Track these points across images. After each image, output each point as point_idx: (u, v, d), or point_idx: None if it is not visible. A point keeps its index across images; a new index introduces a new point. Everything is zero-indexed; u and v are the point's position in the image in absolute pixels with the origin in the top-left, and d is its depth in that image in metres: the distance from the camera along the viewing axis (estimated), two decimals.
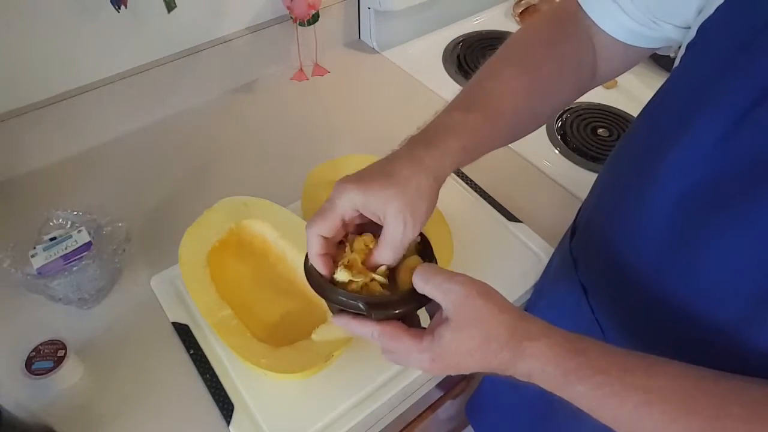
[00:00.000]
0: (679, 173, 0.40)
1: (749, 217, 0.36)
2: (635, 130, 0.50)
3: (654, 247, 0.44)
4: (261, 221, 0.67)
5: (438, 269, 0.41)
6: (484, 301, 0.38)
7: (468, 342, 0.38)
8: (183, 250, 0.63)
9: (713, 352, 0.40)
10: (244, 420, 0.56)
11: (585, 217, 0.57)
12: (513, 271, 0.70)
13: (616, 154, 0.53)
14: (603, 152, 0.89)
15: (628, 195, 0.47)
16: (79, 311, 0.65)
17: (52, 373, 0.56)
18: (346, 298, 0.43)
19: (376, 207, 0.42)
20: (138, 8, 0.77)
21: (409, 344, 0.41)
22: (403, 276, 0.45)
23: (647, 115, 0.48)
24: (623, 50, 0.51)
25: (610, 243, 0.49)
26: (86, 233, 0.64)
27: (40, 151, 0.81)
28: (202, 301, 0.60)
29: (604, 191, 0.53)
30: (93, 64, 0.80)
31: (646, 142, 0.46)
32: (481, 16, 1.19)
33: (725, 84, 0.37)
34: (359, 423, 0.57)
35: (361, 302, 0.43)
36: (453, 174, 0.82)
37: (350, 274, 0.44)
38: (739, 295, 0.38)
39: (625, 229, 0.47)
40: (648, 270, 0.45)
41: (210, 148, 0.87)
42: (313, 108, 0.95)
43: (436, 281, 0.40)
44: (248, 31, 0.93)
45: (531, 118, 0.52)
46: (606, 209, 0.52)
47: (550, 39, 0.52)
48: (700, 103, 0.38)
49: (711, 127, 0.37)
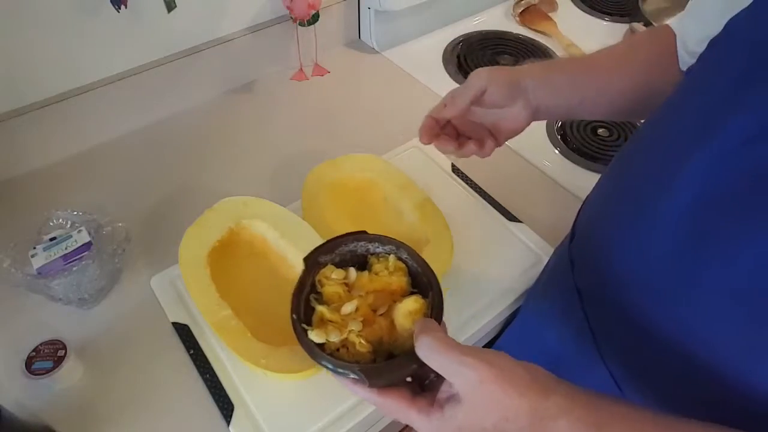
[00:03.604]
0: (699, 179, 0.38)
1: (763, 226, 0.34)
2: (647, 133, 0.49)
3: (657, 257, 0.42)
4: (261, 221, 0.67)
5: (446, 342, 0.37)
6: (500, 386, 0.35)
7: (484, 421, 0.36)
8: (183, 250, 0.63)
9: (714, 373, 0.39)
10: (244, 420, 0.56)
11: (585, 221, 0.57)
12: (513, 271, 0.70)
13: (622, 159, 0.52)
14: (603, 152, 0.89)
15: (634, 202, 0.45)
16: (79, 311, 0.65)
17: (52, 373, 0.56)
18: (335, 366, 0.40)
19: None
20: (138, 8, 0.77)
21: (416, 418, 0.38)
22: (401, 320, 0.42)
23: (662, 117, 0.47)
24: None
25: (610, 249, 0.48)
26: (86, 233, 0.64)
27: (40, 151, 0.81)
28: (202, 301, 0.60)
29: (607, 196, 0.53)
30: (93, 64, 0.80)
31: (661, 147, 0.44)
32: (481, 16, 1.19)
33: (762, 81, 0.35)
34: (359, 423, 0.57)
35: (354, 371, 0.39)
36: (453, 173, 0.82)
37: (324, 334, 0.41)
38: (741, 314, 0.37)
39: (627, 237, 0.46)
40: (647, 280, 0.44)
41: (210, 148, 0.87)
42: (313, 108, 0.95)
43: (444, 360, 0.37)
44: (248, 31, 0.93)
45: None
46: (608, 215, 0.51)
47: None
48: (730, 102, 0.37)
49: (744, 126, 0.35)
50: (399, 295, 0.45)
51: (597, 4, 1.24)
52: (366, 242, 0.48)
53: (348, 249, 0.48)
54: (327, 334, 0.41)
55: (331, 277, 0.46)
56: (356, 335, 0.41)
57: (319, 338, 0.41)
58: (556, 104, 0.58)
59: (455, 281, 0.68)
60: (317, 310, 0.44)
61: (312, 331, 0.41)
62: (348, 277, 0.46)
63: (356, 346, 0.41)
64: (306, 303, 0.45)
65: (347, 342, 0.42)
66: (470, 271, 0.70)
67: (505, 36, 1.13)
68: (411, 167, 0.79)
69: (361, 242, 0.48)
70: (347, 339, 0.41)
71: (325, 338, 0.41)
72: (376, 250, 0.48)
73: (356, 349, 0.41)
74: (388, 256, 0.47)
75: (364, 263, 0.48)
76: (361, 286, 0.45)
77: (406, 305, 0.42)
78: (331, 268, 0.46)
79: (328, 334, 0.41)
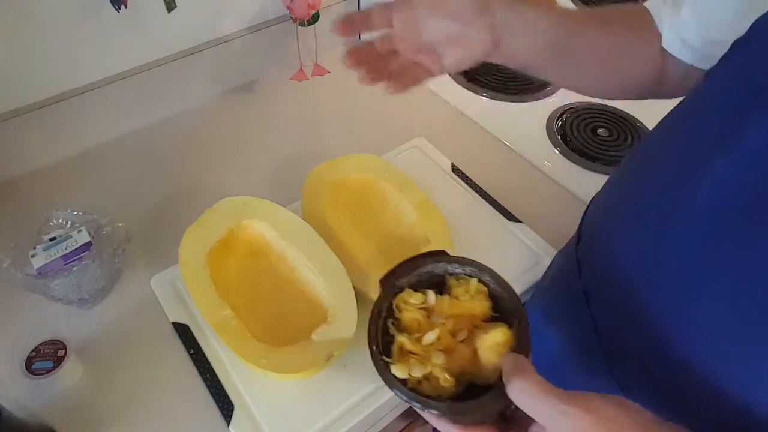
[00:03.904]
0: (723, 182, 0.36)
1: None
2: (666, 134, 0.46)
3: (674, 261, 0.40)
4: (261, 221, 0.67)
5: (541, 387, 0.34)
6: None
7: None
8: (183, 250, 0.63)
9: (720, 384, 0.38)
10: (244, 420, 0.56)
11: (594, 223, 0.55)
12: (513, 271, 0.70)
13: (636, 161, 0.50)
14: (603, 152, 0.89)
15: (651, 204, 0.43)
16: (79, 311, 0.65)
17: (52, 373, 0.56)
18: (422, 405, 0.38)
19: None
20: (138, 8, 0.77)
21: None
22: (486, 353, 0.39)
23: (682, 118, 0.44)
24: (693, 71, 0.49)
25: (623, 252, 0.46)
26: (86, 233, 0.64)
27: (40, 151, 0.81)
28: (202, 301, 0.60)
29: (620, 197, 0.50)
30: (93, 64, 0.80)
31: (681, 148, 0.42)
32: None
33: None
34: (359, 423, 0.57)
35: (441, 409, 0.37)
36: (453, 173, 0.82)
37: (406, 368, 0.39)
38: (759, 322, 0.35)
39: (642, 240, 0.44)
40: (662, 283, 0.42)
41: (210, 148, 0.87)
42: (313, 108, 0.95)
43: (540, 407, 0.34)
44: (248, 31, 0.93)
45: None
46: (621, 217, 0.48)
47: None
48: (759, 104, 0.35)
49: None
50: (480, 319, 0.43)
51: (597, 4, 1.24)
52: (445, 263, 0.46)
53: (425, 270, 0.46)
54: (410, 368, 0.39)
55: (410, 301, 0.43)
56: (440, 369, 0.39)
57: (401, 373, 0.39)
58: (523, 42, 0.50)
59: None
60: (397, 340, 0.41)
61: (394, 366, 0.39)
62: (427, 302, 0.44)
63: (440, 381, 0.39)
64: (383, 329, 0.43)
65: (430, 375, 0.40)
66: None
67: None
68: (411, 167, 0.79)
69: (441, 263, 0.46)
70: (431, 373, 0.39)
71: (407, 373, 0.39)
72: (455, 271, 0.46)
73: (439, 384, 0.39)
74: (468, 277, 0.45)
75: (442, 284, 0.46)
76: (440, 311, 0.43)
77: (493, 337, 0.40)
78: (410, 293, 0.44)
79: (410, 368, 0.39)
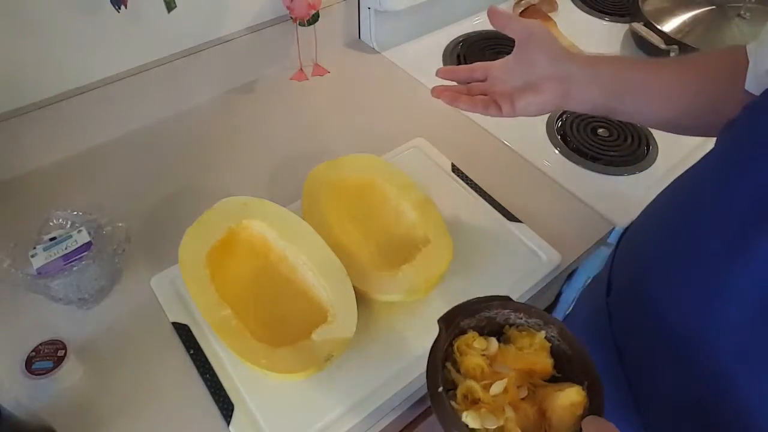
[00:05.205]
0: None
1: None
2: (711, 188, 0.42)
3: (732, 322, 0.38)
4: (261, 221, 0.67)
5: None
6: None
7: None
8: (183, 250, 0.63)
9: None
10: (244, 420, 0.56)
11: (627, 275, 0.51)
12: (513, 271, 0.70)
13: (671, 210, 0.46)
14: (603, 152, 0.89)
15: (703, 264, 0.40)
16: (79, 311, 0.65)
17: (52, 373, 0.56)
18: None
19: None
20: (138, 8, 0.77)
21: None
22: (560, 412, 0.37)
23: (731, 172, 0.40)
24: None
25: (671, 309, 0.43)
26: (86, 233, 0.64)
27: (40, 151, 0.81)
28: (202, 301, 0.60)
29: (655, 253, 0.47)
30: (93, 64, 0.80)
31: (733, 209, 0.38)
32: (481, 16, 1.18)
33: None
34: (359, 423, 0.57)
35: None
36: (453, 173, 0.82)
37: (479, 418, 0.36)
38: None
39: (692, 299, 0.41)
40: (716, 342, 0.39)
41: (210, 148, 0.87)
42: (313, 108, 0.95)
43: None
44: (248, 31, 0.93)
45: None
46: (659, 277, 0.45)
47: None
48: None
49: None
50: (539, 376, 0.41)
51: (597, 4, 1.24)
52: (510, 311, 0.44)
53: (488, 315, 0.44)
54: (482, 419, 0.36)
55: (474, 345, 0.41)
56: (514, 424, 0.37)
57: (475, 423, 0.36)
58: (592, 96, 0.52)
59: (455, 281, 0.68)
60: (465, 385, 0.39)
61: (467, 414, 0.37)
62: (489, 349, 0.41)
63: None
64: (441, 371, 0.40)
65: (504, 430, 0.37)
66: (470, 271, 0.70)
67: (506, 36, 1.12)
68: (411, 167, 0.80)
69: (506, 309, 0.44)
70: (504, 427, 0.37)
71: (480, 424, 0.36)
72: (517, 321, 0.44)
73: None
74: (533, 330, 0.43)
75: (499, 332, 0.44)
76: (503, 362, 0.41)
77: (569, 396, 0.37)
78: (474, 336, 0.42)
79: (483, 419, 0.36)
